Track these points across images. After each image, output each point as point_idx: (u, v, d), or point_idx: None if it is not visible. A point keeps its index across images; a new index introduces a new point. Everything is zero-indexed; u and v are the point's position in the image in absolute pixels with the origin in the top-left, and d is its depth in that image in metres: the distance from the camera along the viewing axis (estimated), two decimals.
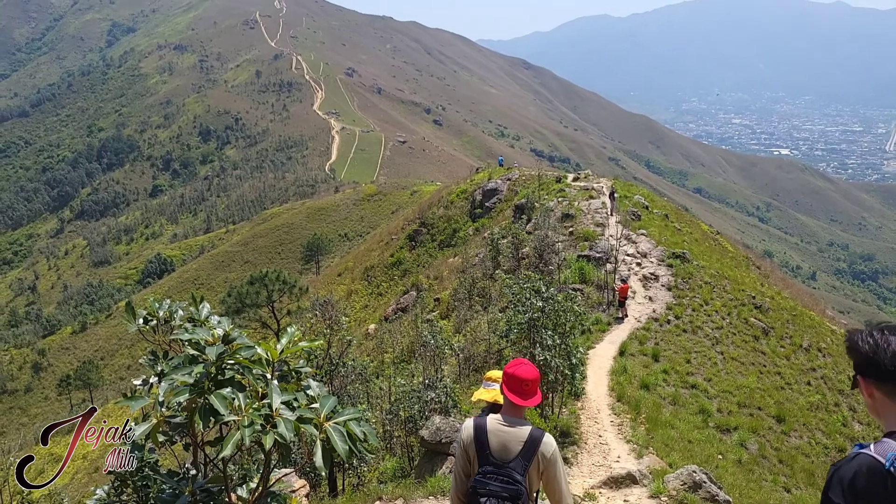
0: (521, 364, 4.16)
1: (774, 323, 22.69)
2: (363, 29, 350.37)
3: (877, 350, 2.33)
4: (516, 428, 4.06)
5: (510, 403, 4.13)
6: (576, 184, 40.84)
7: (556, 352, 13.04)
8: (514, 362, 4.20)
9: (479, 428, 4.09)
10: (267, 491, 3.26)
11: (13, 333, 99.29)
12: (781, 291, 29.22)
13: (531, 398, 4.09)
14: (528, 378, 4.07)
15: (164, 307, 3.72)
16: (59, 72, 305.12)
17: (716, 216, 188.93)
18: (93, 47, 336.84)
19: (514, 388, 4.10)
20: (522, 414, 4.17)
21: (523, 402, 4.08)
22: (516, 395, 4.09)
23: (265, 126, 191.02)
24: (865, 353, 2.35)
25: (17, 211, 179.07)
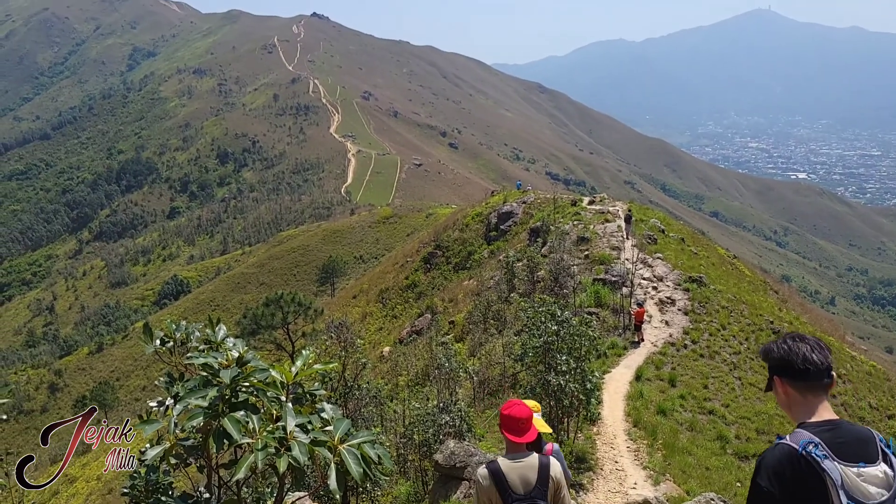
0: (514, 405, 4.61)
1: None
2: (380, 53, 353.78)
3: (789, 353, 2.88)
4: (525, 459, 4.50)
5: (510, 442, 4.56)
6: (591, 207, 40.73)
7: (572, 376, 12.94)
8: (507, 404, 4.65)
9: (495, 471, 4.48)
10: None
11: (30, 354, 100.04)
12: (800, 316, 28.90)
13: (526, 434, 4.51)
14: (522, 417, 4.51)
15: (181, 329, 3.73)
16: (80, 95, 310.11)
17: (733, 240, 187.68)
18: (114, 71, 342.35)
19: (511, 427, 4.52)
20: (524, 448, 4.58)
21: (520, 439, 4.50)
22: (513, 433, 4.51)
23: (282, 149, 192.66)
24: (780, 356, 2.91)
25: (37, 232, 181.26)
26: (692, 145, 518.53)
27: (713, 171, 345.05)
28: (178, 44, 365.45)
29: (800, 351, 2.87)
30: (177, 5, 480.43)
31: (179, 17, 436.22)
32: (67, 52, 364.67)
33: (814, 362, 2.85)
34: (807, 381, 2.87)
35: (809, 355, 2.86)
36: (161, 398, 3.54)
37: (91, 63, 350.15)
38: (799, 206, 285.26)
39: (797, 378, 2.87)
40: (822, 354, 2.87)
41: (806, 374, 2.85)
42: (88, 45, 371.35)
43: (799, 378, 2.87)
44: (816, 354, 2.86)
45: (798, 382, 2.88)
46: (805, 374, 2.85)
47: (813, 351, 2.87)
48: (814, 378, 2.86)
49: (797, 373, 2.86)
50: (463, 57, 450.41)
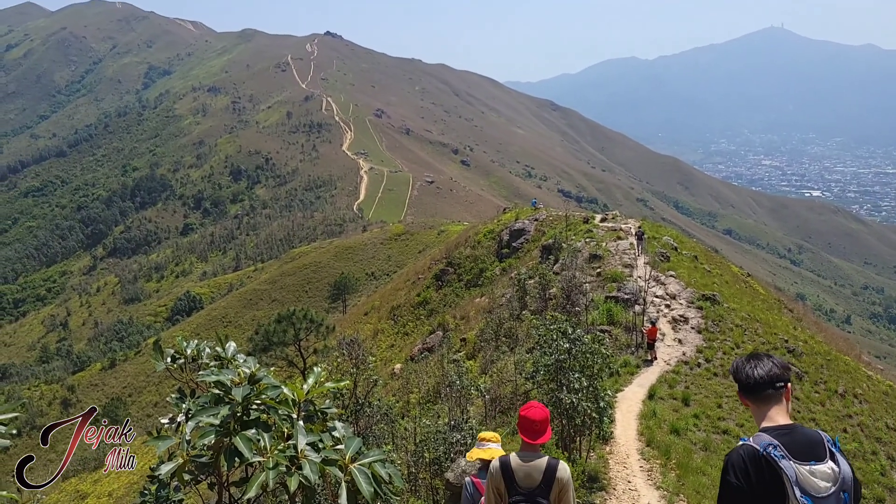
0: (532, 407, 4.95)
1: (808, 368, 22.17)
2: (392, 71, 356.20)
3: (737, 372, 3.41)
4: (535, 461, 4.84)
5: (524, 442, 4.89)
6: (603, 224, 40.66)
7: (584, 394, 12.85)
8: (527, 405, 4.99)
9: (505, 464, 4.87)
10: None
11: (44, 369, 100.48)
12: (815, 335, 28.62)
13: (541, 437, 4.86)
14: (537, 419, 4.85)
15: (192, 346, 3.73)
16: (96, 113, 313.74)
17: (746, 258, 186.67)
18: (129, 89, 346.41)
19: (526, 428, 4.86)
20: (538, 449, 4.91)
21: (534, 441, 4.84)
22: (528, 434, 4.85)
23: (295, 166, 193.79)
24: (732, 374, 3.45)
25: (52, 248, 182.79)
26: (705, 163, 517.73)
27: (726, 188, 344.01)
28: (193, 62, 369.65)
29: (744, 369, 3.36)
30: (192, 24, 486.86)
31: (195, 37, 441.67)
32: (84, 71, 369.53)
33: (755, 377, 3.31)
34: (755, 394, 3.33)
35: (752, 371, 3.33)
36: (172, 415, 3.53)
37: (107, 81, 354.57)
38: (813, 224, 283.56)
39: (747, 392, 3.36)
40: (766, 370, 3.30)
41: (751, 387, 3.33)
42: (105, 64, 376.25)
43: (748, 391, 3.35)
44: (759, 370, 3.31)
45: (749, 395, 3.36)
46: (751, 388, 3.33)
47: (755, 367, 3.33)
48: (759, 390, 3.31)
49: (745, 387, 3.35)
50: (475, 75, 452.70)
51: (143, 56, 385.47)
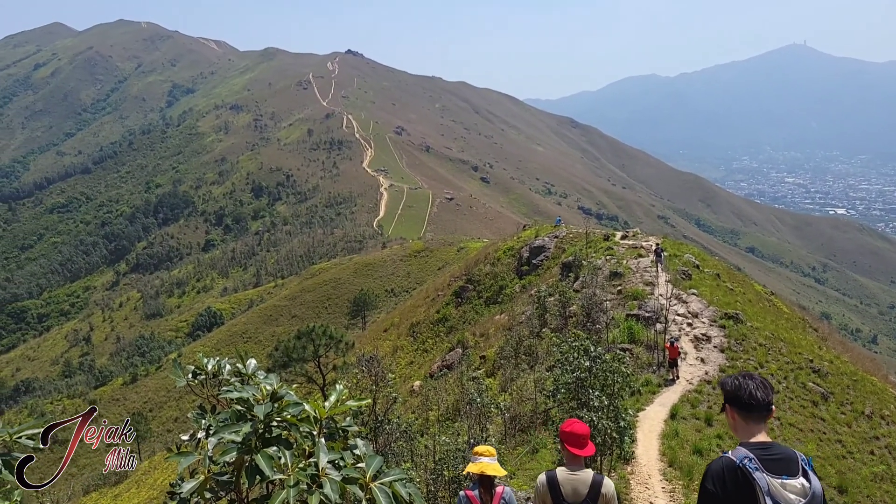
0: (574, 422, 5.24)
1: (834, 388, 21.81)
2: (413, 89, 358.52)
3: (739, 389, 3.59)
4: (581, 474, 5.11)
5: (572, 455, 5.13)
6: (624, 242, 40.40)
7: (604, 413, 12.73)
8: (567, 422, 5.26)
9: (552, 479, 5.13)
10: None
11: (66, 384, 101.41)
12: (841, 355, 28.17)
13: (586, 448, 5.13)
14: (583, 433, 5.13)
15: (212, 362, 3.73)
16: (121, 130, 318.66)
17: (769, 276, 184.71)
18: (154, 107, 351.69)
19: (573, 442, 5.11)
20: (582, 462, 5.16)
21: (581, 452, 5.09)
22: (576, 447, 5.10)
23: (315, 183, 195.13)
24: (731, 390, 3.62)
25: (76, 264, 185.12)
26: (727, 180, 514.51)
27: (749, 206, 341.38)
28: (216, 81, 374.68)
29: (747, 388, 3.56)
30: (215, 44, 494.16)
31: (218, 55, 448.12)
32: (110, 90, 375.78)
33: (757, 399, 3.53)
34: (750, 413, 3.56)
35: (754, 392, 3.53)
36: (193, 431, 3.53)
37: (132, 100, 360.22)
38: (838, 242, 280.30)
39: (742, 409, 3.56)
40: (765, 393, 3.55)
41: (750, 407, 3.54)
42: (130, 83, 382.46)
43: (744, 409, 3.56)
44: (760, 392, 3.53)
45: (743, 412, 3.57)
46: (749, 407, 3.54)
47: (757, 389, 3.54)
48: (756, 411, 3.54)
49: (743, 405, 3.55)
50: (495, 92, 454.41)
51: (167, 75, 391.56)
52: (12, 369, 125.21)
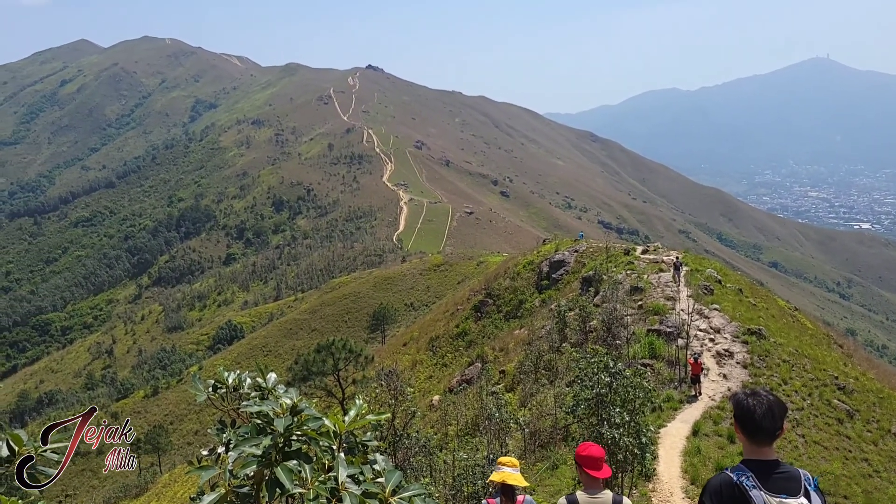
0: (590, 445, 5.32)
1: (860, 406, 21.45)
2: (433, 103, 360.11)
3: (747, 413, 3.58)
4: (601, 496, 5.17)
5: (590, 478, 5.19)
6: (645, 256, 40.17)
7: (625, 430, 12.61)
8: (583, 446, 5.33)
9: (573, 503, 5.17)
10: None
11: (89, 396, 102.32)
12: (867, 372, 27.72)
13: (603, 470, 5.21)
14: (599, 456, 5.22)
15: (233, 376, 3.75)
16: (144, 145, 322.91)
17: (793, 291, 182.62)
18: (177, 122, 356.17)
19: (591, 465, 5.18)
20: (601, 483, 5.23)
21: (599, 474, 5.17)
22: (593, 469, 5.17)
23: (336, 197, 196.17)
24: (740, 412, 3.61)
25: (100, 277, 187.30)
26: (749, 194, 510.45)
27: (772, 220, 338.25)
28: (238, 96, 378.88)
29: (756, 414, 3.54)
30: (238, 59, 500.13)
31: (240, 71, 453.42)
32: (134, 105, 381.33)
33: (764, 428, 3.54)
34: (755, 437, 3.59)
35: (761, 422, 3.53)
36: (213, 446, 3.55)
37: (155, 115, 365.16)
38: (863, 257, 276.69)
39: (748, 432, 3.59)
40: (773, 423, 3.53)
41: (755, 432, 3.57)
42: (154, 98, 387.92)
43: (749, 433, 3.59)
44: (767, 422, 3.52)
45: (748, 435, 3.60)
46: (755, 433, 3.57)
47: (764, 418, 3.53)
48: (761, 436, 3.56)
49: (749, 430, 3.58)
50: (515, 106, 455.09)
51: (190, 90, 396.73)
52: (36, 381, 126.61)
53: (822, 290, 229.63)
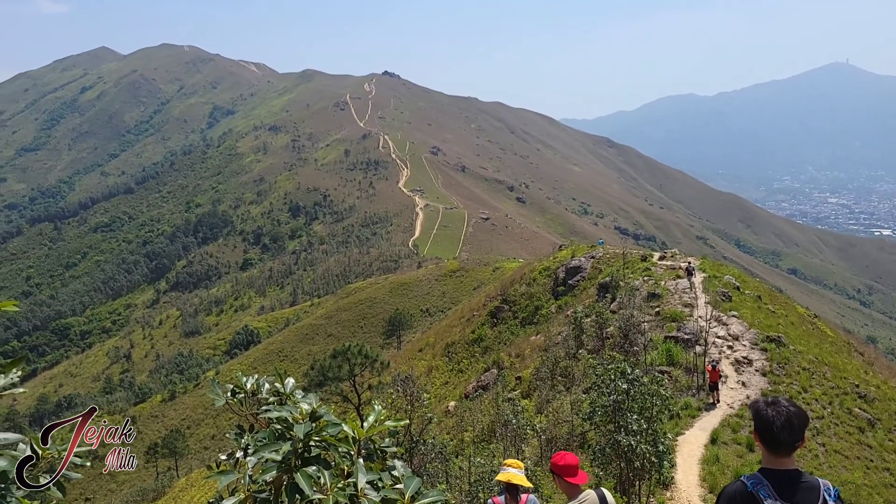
0: (565, 455, 5.53)
1: (881, 414, 21.17)
2: (448, 109, 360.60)
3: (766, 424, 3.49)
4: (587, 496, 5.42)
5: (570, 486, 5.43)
6: (662, 263, 39.93)
7: (643, 437, 12.52)
8: (558, 455, 5.53)
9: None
10: None
11: (107, 400, 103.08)
12: (888, 380, 27.37)
13: (579, 476, 5.45)
14: (576, 464, 5.46)
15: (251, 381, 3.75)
16: (163, 151, 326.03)
17: (812, 298, 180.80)
18: (195, 129, 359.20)
19: (569, 473, 5.40)
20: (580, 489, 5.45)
21: (578, 480, 5.41)
22: (572, 477, 5.40)
23: (352, 202, 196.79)
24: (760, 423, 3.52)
25: (118, 282, 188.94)
26: (768, 200, 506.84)
27: (790, 226, 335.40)
28: (255, 102, 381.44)
29: (775, 425, 3.45)
30: (255, 66, 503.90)
31: (257, 77, 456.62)
32: (153, 111, 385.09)
33: (783, 441, 3.44)
34: (774, 448, 3.50)
35: (779, 433, 3.43)
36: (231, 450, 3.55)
37: (174, 121, 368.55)
38: (884, 264, 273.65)
39: (766, 443, 3.51)
40: (792, 435, 3.43)
41: (774, 443, 3.48)
42: (172, 105, 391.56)
43: (768, 444, 3.50)
44: (785, 434, 3.43)
45: (767, 446, 3.52)
46: (773, 444, 3.48)
47: (783, 430, 3.43)
48: (780, 448, 3.47)
49: (768, 441, 3.49)
50: (531, 112, 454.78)
51: (208, 97, 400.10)
52: (55, 385, 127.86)
53: (843, 298, 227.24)
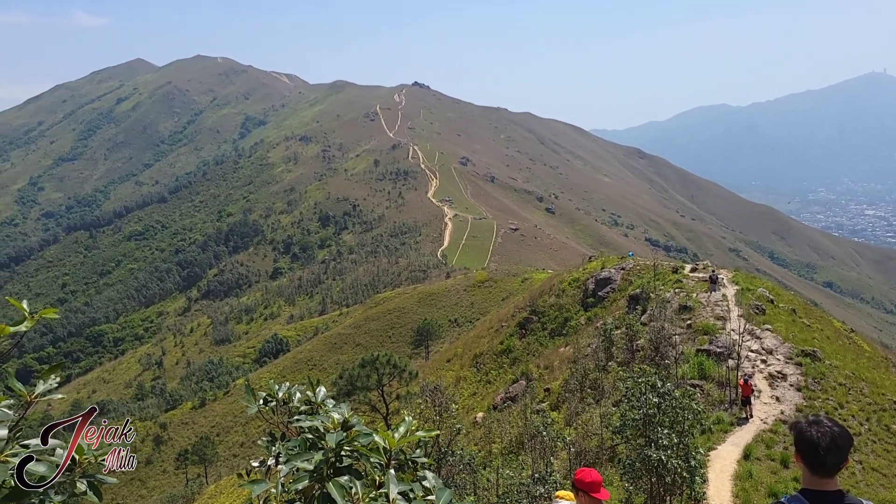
0: (590, 471, 5.51)
1: None
2: (478, 120, 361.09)
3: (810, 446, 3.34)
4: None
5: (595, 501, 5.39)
6: (694, 275, 39.45)
7: (674, 452, 12.34)
8: (583, 472, 5.51)
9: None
10: None
11: (139, 406, 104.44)
12: None
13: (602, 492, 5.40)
14: (598, 480, 5.42)
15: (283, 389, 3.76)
16: (195, 161, 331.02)
17: (849, 312, 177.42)
18: (227, 139, 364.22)
19: (595, 489, 5.36)
20: None
21: (601, 496, 5.37)
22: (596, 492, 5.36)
23: (381, 212, 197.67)
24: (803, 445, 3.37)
25: (151, 289, 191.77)
26: (802, 212, 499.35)
27: (826, 239, 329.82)
28: (286, 113, 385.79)
29: (820, 447, 3.28)
30: (287, 77, 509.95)
31: (289, 88, 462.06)
32: (186, 122, 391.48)
33: (828, 463, 3.29)
34: (818, 471, 3.34)
35: (825, 456, 3.27)
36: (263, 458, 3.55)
37: (207, 132, 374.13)
38: None
39: (810, 464, 3.35)
40: (837, 458, 3.27)
41: (818, 465, 3.32)
42: (205, 115, 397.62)
43: (811, 466, 3.35)
44: (831, 457, 3.26)
45: (810, 467, 3.36)
46: (817, 467, 3.32)
47: (829, 453, 3.26)
48: (824, 470, 3.32)
49: (811, 462, 3.33)
50: (560, 123, 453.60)
51: (240, 107, 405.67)
52: (88, 391, 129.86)
53: (880, 312, 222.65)
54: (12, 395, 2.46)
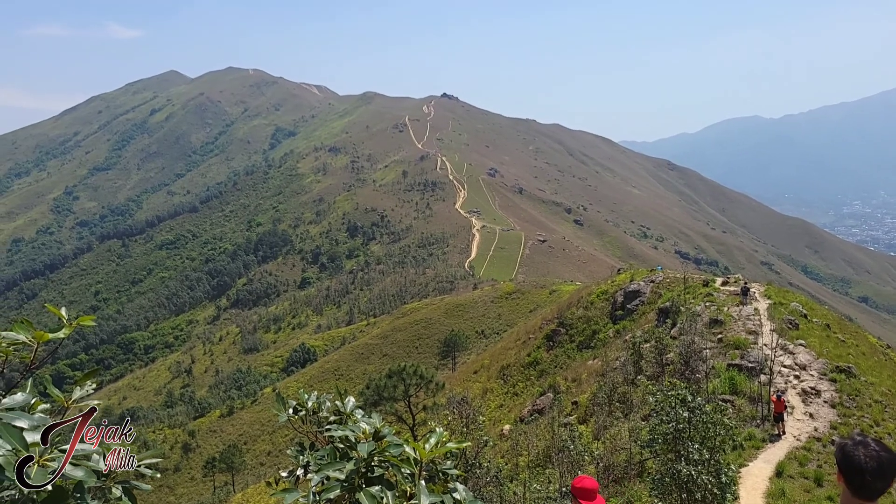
0: (586, 478, 5.37)
1: None
2: (507, 131, 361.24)
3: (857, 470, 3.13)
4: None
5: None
6: (725, 288, 38.89)
7: (704, 467, 12.14)
8: (579, 479, 5.37)
9: None
10: None
11: (168, 413, 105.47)
12: None
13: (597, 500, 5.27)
14: (594, 487, 5.29)
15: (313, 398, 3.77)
16: (226, 171, 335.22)
17: (885, 328, 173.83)
18: (257, 149, 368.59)
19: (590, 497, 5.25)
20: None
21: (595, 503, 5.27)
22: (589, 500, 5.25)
23: (409, 223, 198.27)
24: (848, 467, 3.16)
25: (181, 298, 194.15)
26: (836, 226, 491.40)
27: (861, 253, 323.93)
28: (316, 123, 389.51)
29: (867, 471, 3.07)
30: (317, 88, 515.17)
31: (319, 100, 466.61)
32: (218, 133, 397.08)
33: (875, 489, 3.09)
34: (862, 495, 3.13)
35: (872, 482, 3.07)
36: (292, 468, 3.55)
37: (238, 142, 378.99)
38: None
39: (854, 487, 3.14)
40: (885, 483, 3.08)
41: (862, 490, 3.11)
42: (236, 126, 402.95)
43: (855, 489, 3.13)
44: (879, 483, 3.07)
45: (853, 490, 3.15)
46: (861, 490, 3.11)
47: (876, 477, 3.06)
48: (867, 495, 3.12)
49: (855, 486, 3.12)
50: (590, 134, 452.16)
51: (270, 118, 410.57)
52: (119, 398, 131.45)
53: None
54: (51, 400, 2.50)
